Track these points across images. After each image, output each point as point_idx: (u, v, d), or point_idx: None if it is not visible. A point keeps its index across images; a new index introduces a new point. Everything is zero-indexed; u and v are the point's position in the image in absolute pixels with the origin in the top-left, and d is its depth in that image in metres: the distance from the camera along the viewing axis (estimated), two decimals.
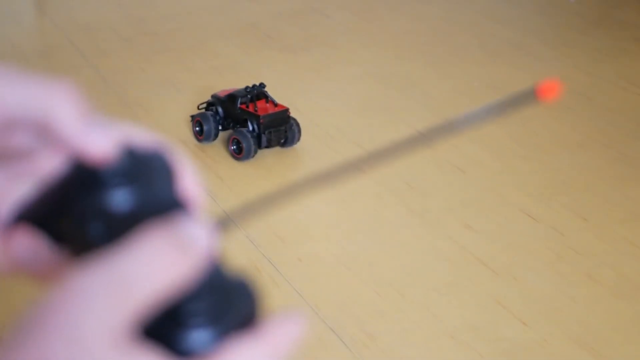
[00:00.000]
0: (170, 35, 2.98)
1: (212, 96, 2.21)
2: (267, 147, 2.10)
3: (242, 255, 1.74)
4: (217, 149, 2.16)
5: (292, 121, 2.15)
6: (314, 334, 1.50)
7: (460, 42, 2.93)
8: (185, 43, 2.90)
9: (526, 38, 2.96)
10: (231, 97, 2.14)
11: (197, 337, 0.33)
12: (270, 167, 2.09)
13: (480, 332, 1.54)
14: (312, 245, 1.79)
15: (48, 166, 0.37)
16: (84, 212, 0.35)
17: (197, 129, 2.17)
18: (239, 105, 2.12)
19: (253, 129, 2.09)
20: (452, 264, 1.73)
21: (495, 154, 2.16)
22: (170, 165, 0.37)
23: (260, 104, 2.13)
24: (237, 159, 2.09)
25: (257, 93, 2.14)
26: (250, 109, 2.11)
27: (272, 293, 1.62)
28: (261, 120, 2.08)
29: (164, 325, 0.33)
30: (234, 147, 2.09)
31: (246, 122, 2.10)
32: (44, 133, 0.36)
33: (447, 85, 2.59)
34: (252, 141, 2.05)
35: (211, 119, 2.15)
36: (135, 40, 2.93)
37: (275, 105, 2.14)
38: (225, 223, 0.36)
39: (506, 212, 1.91)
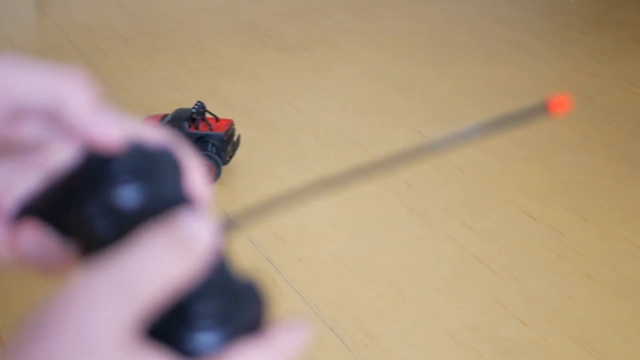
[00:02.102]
0: (170, 35, 2.98)
1: None
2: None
3: (242, 255, 1.73)
4: None
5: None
6: (314, 334, 1.50)
7: (460, 42, 2.93)
8: (185, 43, 2.90)
9: (526, 38, 2.96)
10: None
11: (204, 339, 0.33)
12: (275, 167, 2.09)
13: (480, 332, 1.54)
14: (312, 245, 1.79)
15: (56, 159, 0.37)
16: (92, 209, 0.35)
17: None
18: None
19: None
20: (452, 264, 1.73)
21: (495, 154, 2.16)
22: (178, 162, 0.37)
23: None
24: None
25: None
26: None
27: (272, 293, 1.62)
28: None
29: (172, 326, 0.33)
30: None
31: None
32: (55, 121, 0.36)
33: (447, 85, 2.59)
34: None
35: None
36: (135, 40, 2.93)
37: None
38: (230, 225, 0.36)
39: (506, 212, 1.91)
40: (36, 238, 0.37)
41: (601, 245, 1.80)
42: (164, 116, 2.08)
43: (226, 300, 0.34)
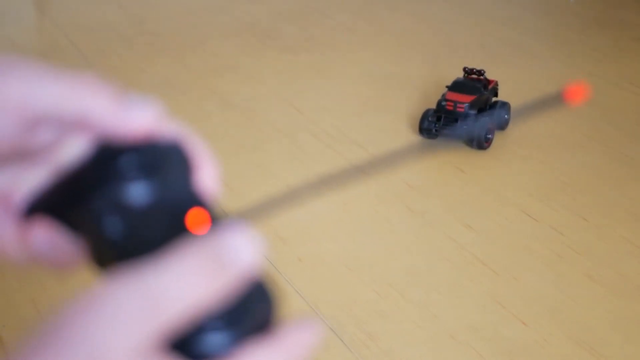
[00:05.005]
0: (170, 35, 2.98)
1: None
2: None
3: None
4: None
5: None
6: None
7: (460, 42, 2.93)
8: (185, 43, 2.90)
9: (526, 38, 2.96)
10: None
11: (213, 340, 0.33)
12: (275, 167, 2.09)
13: (480, 332, 1.54)
14: (312, 245, 1.79)
15: (65, 154, 0.37)
16: (101, 206, 0.34)
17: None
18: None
19: None
20: (452, 264, 1.73)
21: (495, 154, 2.16)
22: (188, 158, 0.37)
23: None
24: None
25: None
26: None
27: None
28: None
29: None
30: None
31: None
32: (81, 127, 0.36)
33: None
34: None
35: None
36: (136, 40, 2.93)
37: None
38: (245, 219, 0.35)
39: (506, 212, 1.91)
40: (47, 235, 0.37)
41: (601, 245, 1.80)
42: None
43: (235, 299, 0.34)
